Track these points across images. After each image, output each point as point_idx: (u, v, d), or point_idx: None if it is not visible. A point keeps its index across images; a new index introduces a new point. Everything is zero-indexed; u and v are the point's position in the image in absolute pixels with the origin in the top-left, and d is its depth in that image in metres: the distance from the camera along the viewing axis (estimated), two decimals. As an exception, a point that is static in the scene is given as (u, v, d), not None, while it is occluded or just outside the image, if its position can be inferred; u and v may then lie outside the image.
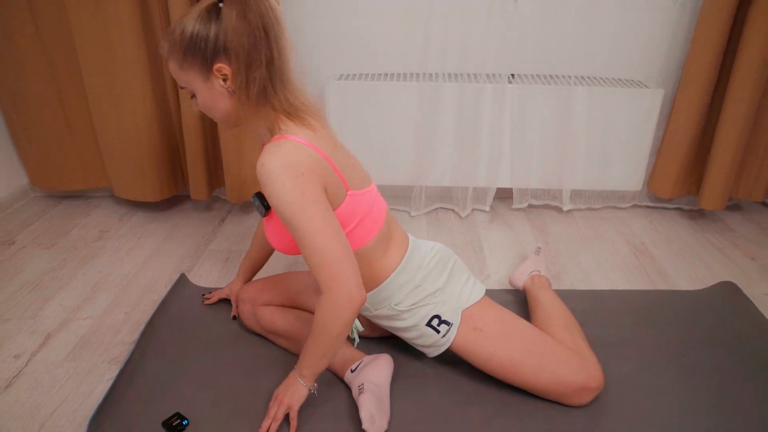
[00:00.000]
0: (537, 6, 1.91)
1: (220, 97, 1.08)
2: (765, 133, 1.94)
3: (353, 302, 1.04)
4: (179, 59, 1.06)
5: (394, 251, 1.23)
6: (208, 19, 1.02)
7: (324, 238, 1.02)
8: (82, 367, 1.38)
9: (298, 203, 1.00)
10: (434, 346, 1.26)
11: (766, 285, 1.71)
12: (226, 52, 1.02)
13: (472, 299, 1.26)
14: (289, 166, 1.00)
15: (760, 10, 1.71)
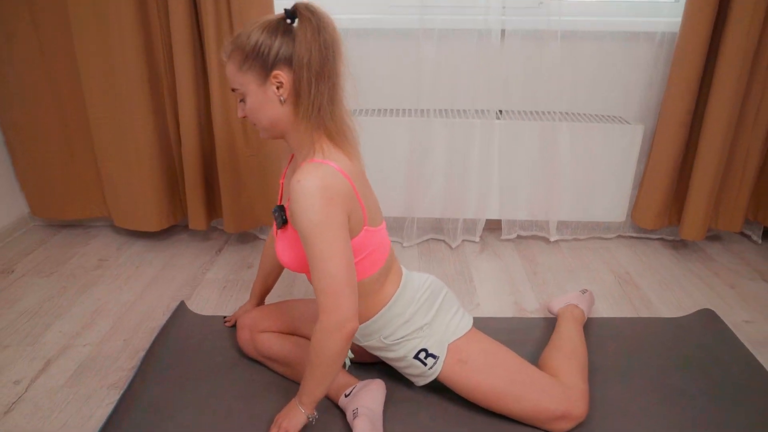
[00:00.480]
0: (523, 46, 2.01)
1: (270, 103, 1.13)
2: (740, 166, 2.03)
3: (345, 330, 1.09)
4: (239, 62, 1.12)
5: (387, 286, 1.28)
6: (275, 30, 1.09)
7: (335, 265, 1.07)
8: (82, 392, 1.41)
9: (321, 225, 1.05)
10: (421, 377, 1.30)
11: (745, 312, 1.77)
12: (287, 62, 1.09)
13: (459, 332, 1.30)
14: (323, 188, 1.06)
15: (731, 52, 1.82)
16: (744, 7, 1.76)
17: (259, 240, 2.24)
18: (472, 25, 1.96)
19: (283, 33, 1.10)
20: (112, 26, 1.84)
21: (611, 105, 2.13)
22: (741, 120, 1.96)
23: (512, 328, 1.67)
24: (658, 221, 2.15)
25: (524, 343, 1.58)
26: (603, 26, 2.01)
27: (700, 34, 1.84)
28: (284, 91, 1.11)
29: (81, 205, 2.20)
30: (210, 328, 1.64)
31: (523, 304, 1.82)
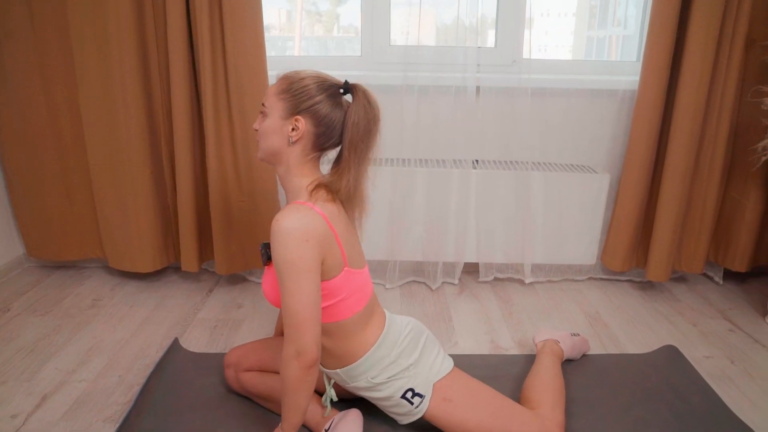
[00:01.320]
0: (496, 101, 2.18)
1: (279, 136, 1.25)
2: (698, 211, 2.19)
3: (303, 359, 1.18)
4: (282, 89, 1.24)
5: (372, 329, 1.36)
6: (325, 89, 1.24)
7: (300, 302, 1.17)
8: (78, 425, 1.47)
9: (292, 265, 1.16)
10: (407, 415, 1.38)
11: (705, 348, 1.89)
12: (314, 117, 1.23)
13: (443, 372, 1.39)
14: (298, 230, 1.16)
15: (684, 107, 2.00)
16: (693, 67, 1.95)
17: (248, 281, 2.33)
18: (450, 82, 2.13)
19: (330, 94, 1.24)
20: (115, 80, 1.97)
21: (580, 156, 2.30)
22: (697, 169, 2.13)
23: (488, 364, 1.77)
24: (625, 264, 2.28)
25: (499, 378, 1.67)
26: (570, 84, 2.19)
27: (657, 92, 2.03)
28: (295, 135, 1.23)
29: (77, 246, 2.29)
30: (201, 364, 1.72)
31: (499, 342, 1.92)
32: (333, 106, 1.24)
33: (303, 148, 1.26)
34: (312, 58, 2.33)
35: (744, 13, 1.93)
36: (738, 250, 2.25)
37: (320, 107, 1.23)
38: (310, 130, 1.24)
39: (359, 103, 1.23)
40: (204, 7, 1.88)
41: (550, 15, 2.49)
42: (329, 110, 1.23)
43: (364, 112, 1.23)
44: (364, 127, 1.23)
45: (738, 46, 1.97)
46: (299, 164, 1.27)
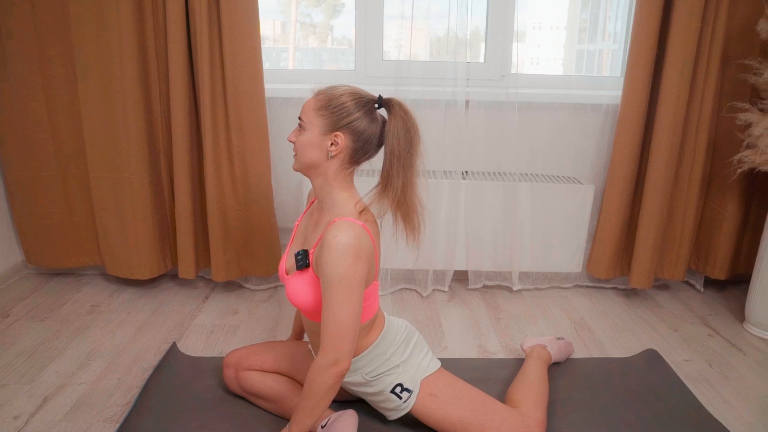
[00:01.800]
0: (485, 115, 2.27)
1: (318, 150, 1.30)
2: (679, 221, 2.27)
3: (338, 367, 1.25)
4: (321, 105, 1.30)
5: (373, 330, 1.45)
6: (362, 106, 1.29)
7: (346, 315, 1.24)
8: (79, 426, 1.52)
9: (346, 279, 1.23)
10: (396, 410, 1.45)
11: (685, 352, 1.97)
12: (354, 132, 1.28)
13: (430, 370, 1.46)
14: (355, 246, 1.23)
15: (664, 121, 2.09)
16: (672, 84, 2.05)
17: (243, 288, 2.39)
18: (440, 96, 2.21)
19: (367, 110, 1.30)
20: (116, 91, 2.04)
21: (565, 167, 2.38)
22: (677, 180, 2.22)
23: (476, 367, 1.83)
24: (610, 271, 2.36)
25: (487, 381, 1.74)
26: (556, 98, 2.28)
27: (638, 107, 2.12)
28: (335, 150, 1.30)
29: (76, 254, 2.34)
30: (199, 367, 1.77)
31: (487, 347, 1.98)
32: (370, 122, 1.30)
33: (341, 162, 1.32)
34: (307, 71, 2.41)
35: (719, 32, 2.03)
36: (717, 258, 2.34)
37: (359, 123, 1.28)
38: (349, 145, 1.30)
39: (397, 116, 1.28)
40: (204, 23, 1.95)
41: (542, 28, 2.58)
42: (367, 126, 1.29)
43: (403, 123, 1.28)
44: (404, 138, 1.28)
45: (714, 64, 2.07)
46: (337, 177, 1.33)
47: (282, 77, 2.36)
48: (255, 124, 2.09)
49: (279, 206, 2.32)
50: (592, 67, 2.60)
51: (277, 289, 2.40)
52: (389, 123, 1.29)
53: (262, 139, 2.12)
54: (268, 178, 2.17)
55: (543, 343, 1.82)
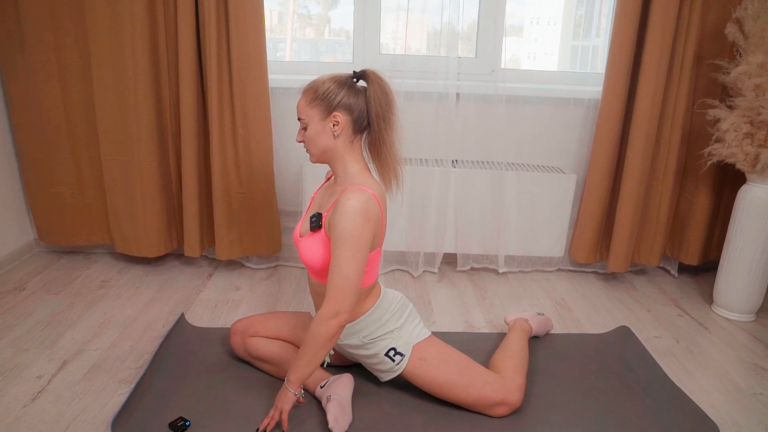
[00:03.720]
0: (474, 107, 2.41)
1: (326, 135, 1.47)
2: (655, 210, 2.42)
3: (339, 318, 1.40)
4: (311, 99, 1.46)
5: (372, 296, 1.60)
6: (343, 84, 1.46)
7: (352, 270, 1.39)
8: (97, 385, 1.66)
9: (354, 237, 1.39)
10: (388, 372, 1.60)
11: (655, 330, 2.12)
12: (347, 108, 1.45)
13: (421, 337, 1.62)
14: (365, 210, 1.39)
15: (641, 116, 2.24)
16: (649, 80, 2.19)
17: (245, 267, 2.53)
18: (432, 88, 2.35)
19: (348, 87, 1.47)
20: (128, 80, 2.17)
21: (550, 157, 2.53)
22: (654, 171, 2.37)
23: (462, 340, 1.98)
24: (590, 256, 2.51)
25: (472, 352, 1.85)
26: (541, 93, 2.43)
27: (618, 101, 2.26)
28: (338, 129, 1.46)
29: (86, 233, 2.47)
30: (206, 336, 1.92)
31: (473, 323, 2.14)
32: (355, 95, 1.46)
33: (347, 136, 1.48)
34: (306, 63, 2.54)
35: (693, 34, 2.18)
36: (690, 245, 2.50)
37: (347, 99, 1.45)
38: (348, 120, 1.46)
39: (374, 83, 1.46)
40: (212, 16, 2.08)
41: (540, 23, 2.71)
42: (354, 99, 1.46)
43: (380, 87, 1.46)
44: (384, 100, 1.46)
45: (688, 63, 2.22)
46: (348, 152, 1.49)
47: (283, 68, 2.49)
48: (259, 113, 2.23)
49: (280, 190, 2.45)
50: (586, 63, 2.71)
51: (277, 268, 2.54)
52: (369, 90, 1.46)
53: (265, 127, 2.25)
54: (270, 164, 2.31)
55: (524, 317, 1.96)
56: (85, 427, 1.49)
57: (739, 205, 2.15)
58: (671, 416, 1.60)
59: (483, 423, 1.55)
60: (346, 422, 1.49)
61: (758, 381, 1.81)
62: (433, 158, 2.45)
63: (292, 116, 2.41)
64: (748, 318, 2.22)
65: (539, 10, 2.67)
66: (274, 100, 2.35)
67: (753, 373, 1.86)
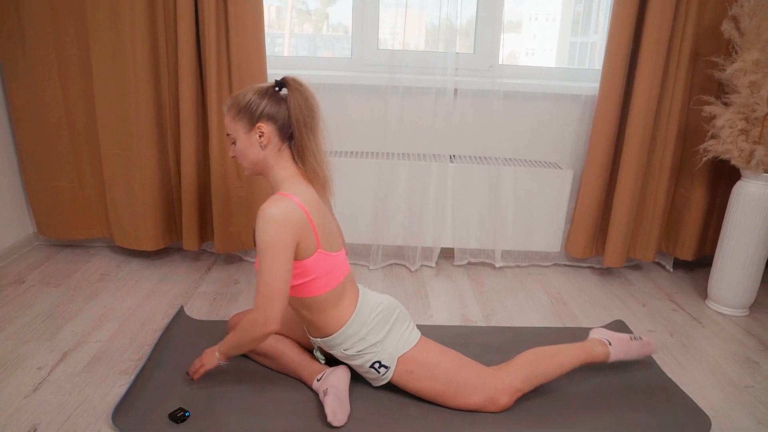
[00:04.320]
0: (472, 103, 2.42)
1: (253, 147, 1.49)
2: (650, 205, 2.45)
3: (266, 327, 1.43)
4: (234, 113, 1.49)
5: (345, 307, 1.56)
6: (265, 94, 1.48)
7: (273, 278, 1.40)
8: (97, 376, 1.68)
9: (271, 245, 1.39)
10: (377, 380, 1.62)
11: (650, 324, 2.15)
12: (270, 118, 1.46)
13: (408, 346, 1.58)
14: (280, 217, 1.39)
15: (638, 112, 2.25)
16: (646, 77, 2.21)
17: (243, 261, 2.55)
18: (430, 84, 2.36)
19: (270, 96, 1.48)
20: (128, 75, 2.19)
21: (546, 153, 2.55)
22: (649, 167, 2.39)
23: (458, 333, 2.01)
24: (586, 251, 2.53)
25: (468, 345, 1.90)
26: (538, 89, 2.44)
27: (614, 98, 2.28)
28: (264, 139, 1.47)
29: (86, 226, 2.49)
30: (204, 329, 1.94)
31: (470, 316, 2.16)
32: (277, 102, 1.48)
33: (274, 145, 1.49)
34: (306, 58, 2.55)
35: (689, 31, 2.19)
36: (686, 241, 2.52)
37: (269, 109, 1.47)
38: (272, 128, 1.47)
39: (294, 90, 1.47)
40: (212, 12, 2.09)
41: (538, 19, 2.72)
42: (276, 108, 1.47)
43: (300, 94, 1.46)
44: (305, 106, 1.47)
45: (684, 60, 2.23)
46: (277, 159, 1.50)
47: (282, 63, 2.50)
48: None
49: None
50: (584, 60, 2.73)
51: (275, 262, 2.56)
52: (289, 97, 1.47)
53: (263, 121, 2.26)
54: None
55: (609, 339, 1.74)
56: (86, 417, 1.50)
57: (733, 201, 2.17)
58: (664, 409, 1.62)
59: (479, 415, 1.57)
60: (344, 414, 1.51)
61: (750, 374, 1.84)
62: (430, 153, 2.46)
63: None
64: (741, 313, 2.25)
65: (538, 6, 2.68)
66: (273, 95, 2.36)
67: (745, 367, 1.88)
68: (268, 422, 1.51)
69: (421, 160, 2.43)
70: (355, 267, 2.56)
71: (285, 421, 1.52)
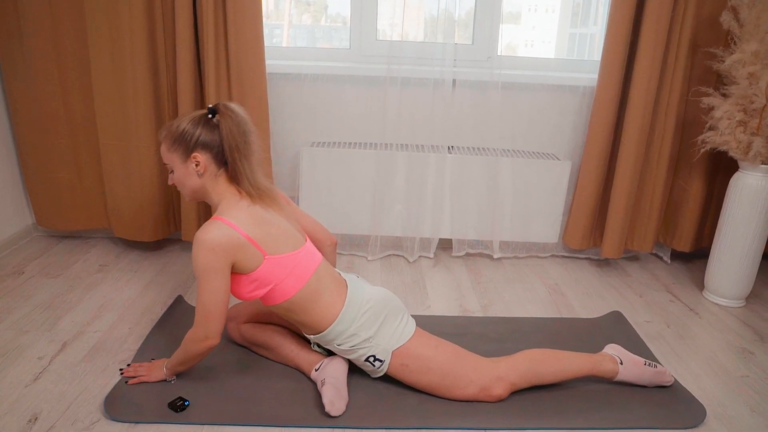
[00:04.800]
0: (471, 94, 2.42)
1: (191, 176, 1.53)
2: (648, 197, 2.45)
3: (205, 344, 1.48)
4: (169, 144, 1.53)
5: (332, 303, 1.56)
6: (198, 123, 1.51)
7: (207, 299, 1.44)
8: (97, 366, 1.69)
9: (202, 268, 1.43)
10: (373, 373, 1.63)
11: (647, 314, 2.16)
12: (205, 146, 1.49)
13: (402, 340, 1.59)
14: (209, 240, 1.41)
15: (636, 103, 2.26)
16: (644, 69, 2.21)
17: (242, 252, 2.55)
18: (429, 75, 2.36)
19: (204, 125, 1.50)
20: (126, 66, 2.18)
21: (545, 144, 2.55)
22: (648, 159, 2.39)
23: (456, 324, 2.02)
24: (584, 242, 2.54)
25: (465, 335, 1.92)
26: (537, 80, 2.44)
27: (613, 89, 2.28)
28: (201, 168, 1.51)
29: (85, 218, 2.49)
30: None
31: (467, 306, 2.17)
32: (210, 130, 1.50)
33: (210, 173, 1.52)
34: (304, 49, 2.54)
35: (689, 21, 2.19)
36: (683, 232, 2.53)
37: (203, 137, 1.50)
38: (207, 157, 1.51)
39: (227, 117, 1.50)
40: (210, 2, 2.08)
41: (537, 10, 2.71)
42: (210, 136, 1.50)
43: (232, 121, 1.49)
44: (237, 132, 1.49)
45: (683, 51, 2.23)
46: (214, 185, 1.54)
47: (280, 54, 2.49)
48: (256, 98, 2.24)
49: (277, 175, 2.47)
50: (584, 51, 2.72)
51: (274, 253, 2.57)
52: (221, 125, 1.50)
53: (262, 112, 2.26)
54: (267, 149, 2.32)
55: (621, 358, 1.66)
56: (86, 406, 1.51)
57: (731, 193, 2.17)
58: (659, 399, 1.63)
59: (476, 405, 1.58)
60: (342, 404, 1.52)
61: (745, 364, 1.85)
62: (428, 144, 2.46)
63: (289, 102, 2.43)
64: (737, 304, 2.26)
65: (528, 0, 2.67)
66: (271, 86, 2.36)
67: (741, 357, 1.89)
68: (267, 411, 1.52)
69: (420, 151, 2.44)
70: (353, 258, 2.56)
71: (284, 410, 1.53)
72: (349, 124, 2.49)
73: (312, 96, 2.43)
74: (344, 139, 2.52)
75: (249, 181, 1.53)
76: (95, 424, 1.45)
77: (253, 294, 1.53)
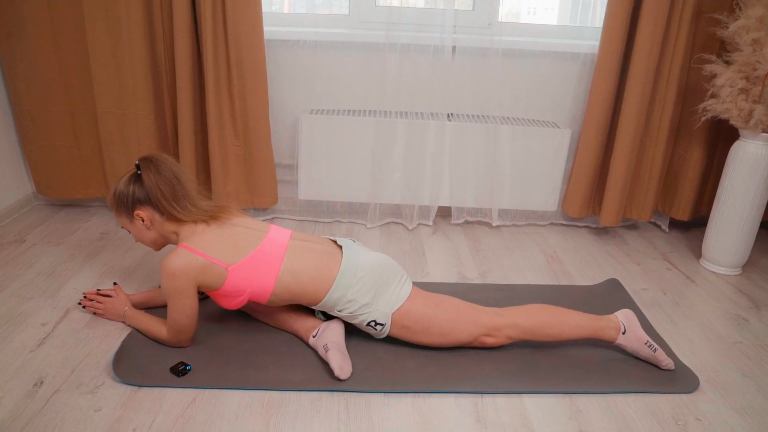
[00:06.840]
0: (470, 61, 2.40)
1: (143, 231, 1.65)
2: (647, 165, 2.45)
3: (175, 345, 1.64)
4: (114, 210, 1.65)
5: (324, 275, 1.59)
6: (129, 181, 1.61)
7: (176, 316, 1.57)
8: (100, 332, 1.72)
9: (167, 292, 1.54)
10: (377, 335, 1.67)
11: (644, 282, 2.18)
12: (141, 201, 1.60)
13: (399, 301, 1.62)
14: (169, 267, 1.51)
15: (637, 71, 2.24)
16: (646, 36, 2.18)
17: (242, 220, 2.56)
18: (428, 41, 2.33)
19: (134, 182, 1.60)
20: (122, 32, 2.16)
21: (544, 112, 2.53)
22: (648, 127, 2.38)
23: (455, 290, 2.01)
24: (583, 211, 2.55)
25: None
26: (537, 47, 2.41)
27: (614, 57, 2.26)
28: (147, 222, 1.62)
29: (84, 186, 2.49)
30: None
31: (466, 274, 2.19)
32: (141, 185, 1.60)
33: (157, 221, 1.63)
34: (303, 15, 2.50)
35: (693, -15, 2.15)
36: (682, 201, 2.53)
37: (138, 195, 1.60)
38: (148, 210, 1.61)
39: (147, 170, 1.59)
40: (205, -34, 2.05)
41: None
42: (141, 190, 1.60)
43: (154, 173, 1.58)
44: (160, 181, 1.58)
45: (687, 18, 2.20)
46: (167, 229, 1.63)
47: (279, 20, 2.46)
48: (254, 65, 2.22)
49: (276, 142, 2.46)
50: (587, 18, 2.67)
51: (274, 220, 2.58)
52: (143, 179, 1.59)
53: (260, 79, 2.25)
54: (266, 116, 2.31)
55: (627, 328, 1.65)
56: (90, 371, 1.54)
57: (731, 161, 2.17)
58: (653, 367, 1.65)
59: (474, 367, 1.61)
60: (349, 367, 1.56)
61: (739, 331, 1.88)
62: (428, 112, 2.44)
63: (288, 68, 2.41)
64: (734, 272, 2.28)
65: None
66: (270, 52, 2.33)
67: (735, 324, 1.92)
68: (269, 376, 1.55)
69: (419, 118, 2.42)
70: (352, 226, 2.57)
71: (285, 374, 1.56)
72: (349, 91, 2.47)
73: (311, 63, 2.41)
74: (343, 106, 2.50)
75: (192, 214, 1.61)
76: (99, 388, 1.48)
77: (236, 303, 1.61)
